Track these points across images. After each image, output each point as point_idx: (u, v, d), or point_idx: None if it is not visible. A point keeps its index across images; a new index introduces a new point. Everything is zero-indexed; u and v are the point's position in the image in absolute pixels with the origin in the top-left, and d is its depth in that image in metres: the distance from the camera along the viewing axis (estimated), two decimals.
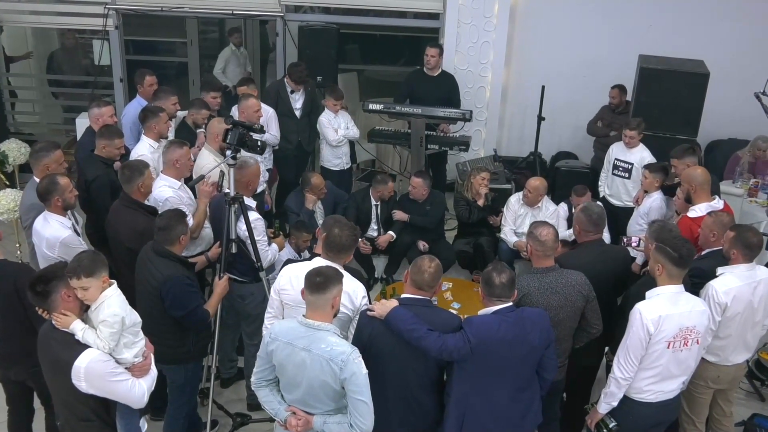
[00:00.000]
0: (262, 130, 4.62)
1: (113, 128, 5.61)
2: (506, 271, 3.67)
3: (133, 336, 3.43)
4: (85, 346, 3.29)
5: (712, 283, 4.20)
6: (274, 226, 5.71)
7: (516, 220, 6.85)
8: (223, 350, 5.34)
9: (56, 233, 4.56)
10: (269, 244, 4.93)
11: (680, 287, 3.89)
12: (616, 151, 6.85)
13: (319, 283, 3.38)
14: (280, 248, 5.26)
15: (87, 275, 3.29)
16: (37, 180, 4.94)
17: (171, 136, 6.40)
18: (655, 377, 3.91)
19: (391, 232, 6.83)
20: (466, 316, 4.67)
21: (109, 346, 3.32)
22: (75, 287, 3.31)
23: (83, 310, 3.39)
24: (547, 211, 6.80)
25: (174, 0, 8.26)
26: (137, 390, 3.42)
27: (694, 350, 3.95)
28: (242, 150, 4.58)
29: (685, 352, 3.89)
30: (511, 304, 3.69)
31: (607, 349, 4.62)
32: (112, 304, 3.35)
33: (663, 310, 3.80)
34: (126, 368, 3.42)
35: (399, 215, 6.86)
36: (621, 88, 8.03)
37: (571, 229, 6.42)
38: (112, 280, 3.44)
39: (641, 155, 6.60)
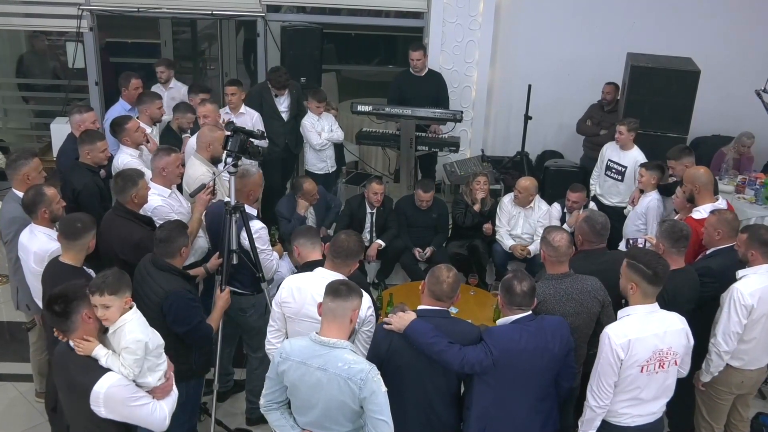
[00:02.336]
0: (263, 136, 4.47)
1: (93, 132, 5.42)
2: (527, 279, 3.57)
3: (156, 358, 3.29)
4: (105, 370, 3.14)
5: (736, 285, 4.13)
6: (270, 233, 5.54)
7: (510, 221, 6.79)
8: (220, 363, 5.16)
9: (44, 246, 4.35)
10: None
11: (653, 306, 3.66)
12: (610, 151, 6.78)
13: (341, 290, 3.26)
14: (279, 256, 5.11)
15: (111, 293, 3.16)
16: (16, 191, 4.75)
17: (156, 140, 6.22)
18: (632, 401, 3.67)
19: (379, 241, 6.68)
20: (482, 325, 4.61)
21: (133, 373, 3.18)
22: (96, 305, 3.16)
23: (101, 332, 3.25)
24: (540, 211, 6.76)
25: (150, 0, 8.03)
26: (158, 413, 3.27)
27: (672, 371, 3.72)
28: (242, 157, 4.41)
29: (662, 375, 3.66)
30: (530, 312, 3.60)
31: None
32: (133, 329, 3.20)
33: (633, 333, 3.55)
34: (147, 391, 3.29)
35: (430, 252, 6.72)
36: (615, 86, 7.98)
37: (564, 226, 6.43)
38: (132, 303, 3.31)
39: (635, 158, 6.50)
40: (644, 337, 3.57)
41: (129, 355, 3.16)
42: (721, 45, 8.43)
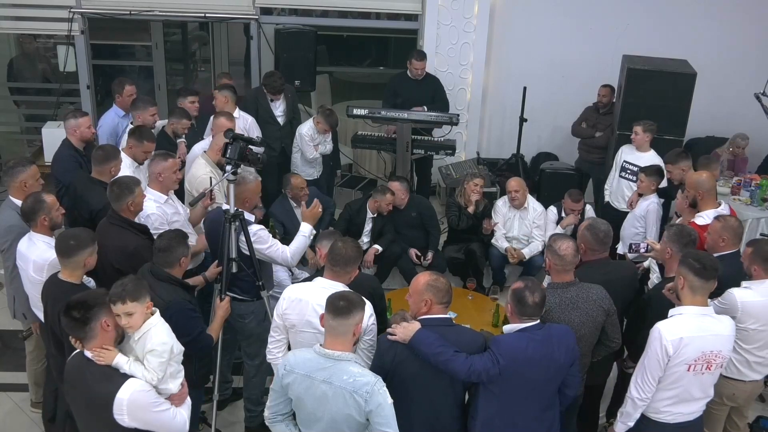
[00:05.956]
0: (263, 143, 4.41)
1: (108, 147, 5.27)
2: (539, 290, 3.54)
3: (177, 364, 3.34)
4: (126, 377, 3.13)
5: (734, 290, 4.12)
6: (270, 228, 5.49)
7: (505, 223, 6.78)
8: (219, 372, 5.10)
9: (44, 255, 4.26)
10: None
11: (707, 309, 3.68)
12: (626, 152, 6.72)
13: (342, 308, 3.22)
14: None
15: (132, 299, 3.17)
16: (14, 199, 4.68)
17: None
18: (674, 398, 3.71)
19: (376, 246, 6.61)
20: (482, 330, 4.59)
21: (158, 377, 3.20)
22: (119, 313, 3.16)
23: (117, 342, 3.25)
24: (534, 213, 6.78)
25: (142, 3, 7.95)
26: (179, 418, 3.30)
27: (718, 374, 3.77)
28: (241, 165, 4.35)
29: (707, 376, 3.69)
30: (538, 321, 3.56)
31: (626, 354, 4.53)
32: (159, 332, 3.26)
33: (685, 332, 3.57)
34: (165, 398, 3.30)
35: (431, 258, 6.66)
36: (611, 88, 7.94)
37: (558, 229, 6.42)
38: (155, 308, 3.33)
39: (651, 161, 6.41)
40: (695, 337, 3.60)
41: (155, 358, 3.19)
42: (715, 46, 8.45)
